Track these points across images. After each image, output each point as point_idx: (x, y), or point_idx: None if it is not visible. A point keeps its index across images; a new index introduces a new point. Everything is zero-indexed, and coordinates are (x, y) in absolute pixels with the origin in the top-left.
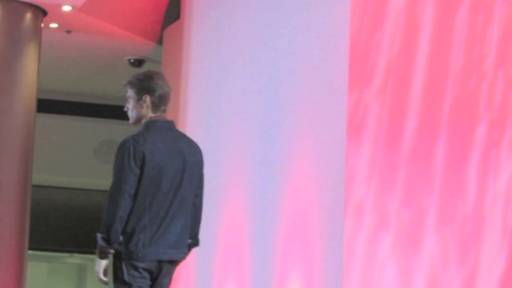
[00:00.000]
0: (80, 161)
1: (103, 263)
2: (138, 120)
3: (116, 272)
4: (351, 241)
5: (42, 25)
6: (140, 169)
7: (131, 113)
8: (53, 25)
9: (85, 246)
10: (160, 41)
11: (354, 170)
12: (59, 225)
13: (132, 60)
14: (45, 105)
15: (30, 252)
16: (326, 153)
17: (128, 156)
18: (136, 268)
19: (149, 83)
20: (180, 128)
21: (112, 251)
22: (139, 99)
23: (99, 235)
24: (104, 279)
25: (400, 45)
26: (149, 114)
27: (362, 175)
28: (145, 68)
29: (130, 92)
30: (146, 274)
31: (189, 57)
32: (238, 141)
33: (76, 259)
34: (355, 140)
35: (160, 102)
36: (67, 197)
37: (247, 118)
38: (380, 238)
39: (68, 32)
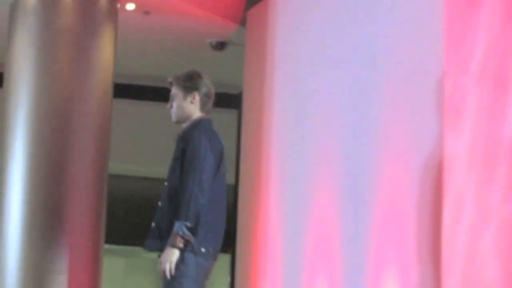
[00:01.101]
0: (160, 149)
1: (178, 253)
2: (183, 118)
3: (179, 267)
4: (451, 234)
5: (119, 6)
6: (217, 168)
7: (178, 111)
8: (130, 6)
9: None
10: (243, 23)
11: (452, 160)
12: (137, 218)
13: (214, 43)
14: (122, 90)
15: (106, 246)
16: (422, 141)
17: (211, 152)
18: (203, 268)
19: (198, 80)
20: (266, 115)
21: (193, 242)
22: (186, 96)
23: (181, 223)
24: (173, 272)
25: (499, 26)
26: (196, 112)
27: (462, 166)
28: (228, 51)
29: (176, 90)
30: (205, 276)
31: (275, 39)
32: (327, 129)
33: (155, 253)
34: (453, 128)
35: (207, 100)
36: (146, 187)
37: (337, 104)
38: (482, 232)
39: (146, 13)
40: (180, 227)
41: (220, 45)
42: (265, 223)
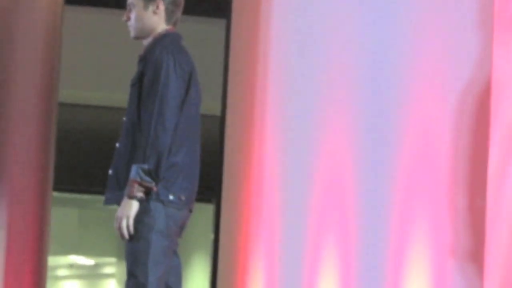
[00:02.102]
0: (123, 70)
1: (137, 206)
2: (144, 33)
3: (145, 220)
4: (498, 180)
5: None
6: (185, 93)
7: (136, 24)
8: None
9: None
10: None
11: (501, 83)
12: (95, 159)
13: None
14: None
15: (55, 194)
16: (464, 61)
17: (175, 73)
18: (175, 220)
19: None
20: (263, 26)
21: (155, 189)
22: (147, 5)
23: (138, 167)
24: (132, 229)
25: None
26: (161, 25)
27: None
28: None
29: None
30: (178, 231)
31: None
32: (345, 47)
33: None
34: (504, 44)
35: (174, 9)
36: (107, 119)
37: (360, 16)
38: None
39: None
40: (137, 172)
41: None
42: (259, 165)
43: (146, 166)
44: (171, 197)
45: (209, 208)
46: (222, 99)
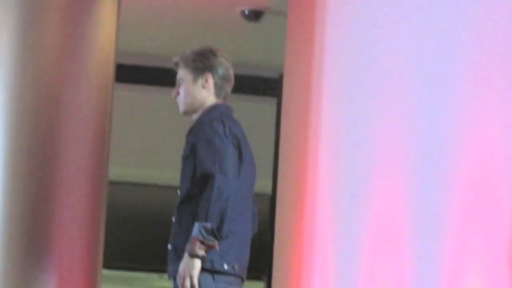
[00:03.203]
0: (174, 149)
1: (199, 265)
2: (193, 108)
3: None
4: None
5: None
6: (237, 156)
7: (185, 99)
8: None
9: None
10: None
11: None
12: (144, 235)
13: (246, 12)
14: (126, 73)
15: (105, 271)
16: None
17: (225, 136)
18: None
19: (211, 58)
20: (314, 105)
21: (217, 247)
22: (197, 79)
23: (201, 225)
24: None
25: None
26: (211, 99)
27: None
28: (265, 22)
29: (183, 72)
30: None
31: (327, 7)
32: (393, 121)
33: (167, 281)
34: None
35: (224, 84)
36: (156, 197)
37: (408, 90)
38: None
39: None
40: (199, 230)
41: (255, 15)
42: (310, 244)
43: (208, 225)
44: (225, 266)
45: (259, 286)
46: (273, 177)
